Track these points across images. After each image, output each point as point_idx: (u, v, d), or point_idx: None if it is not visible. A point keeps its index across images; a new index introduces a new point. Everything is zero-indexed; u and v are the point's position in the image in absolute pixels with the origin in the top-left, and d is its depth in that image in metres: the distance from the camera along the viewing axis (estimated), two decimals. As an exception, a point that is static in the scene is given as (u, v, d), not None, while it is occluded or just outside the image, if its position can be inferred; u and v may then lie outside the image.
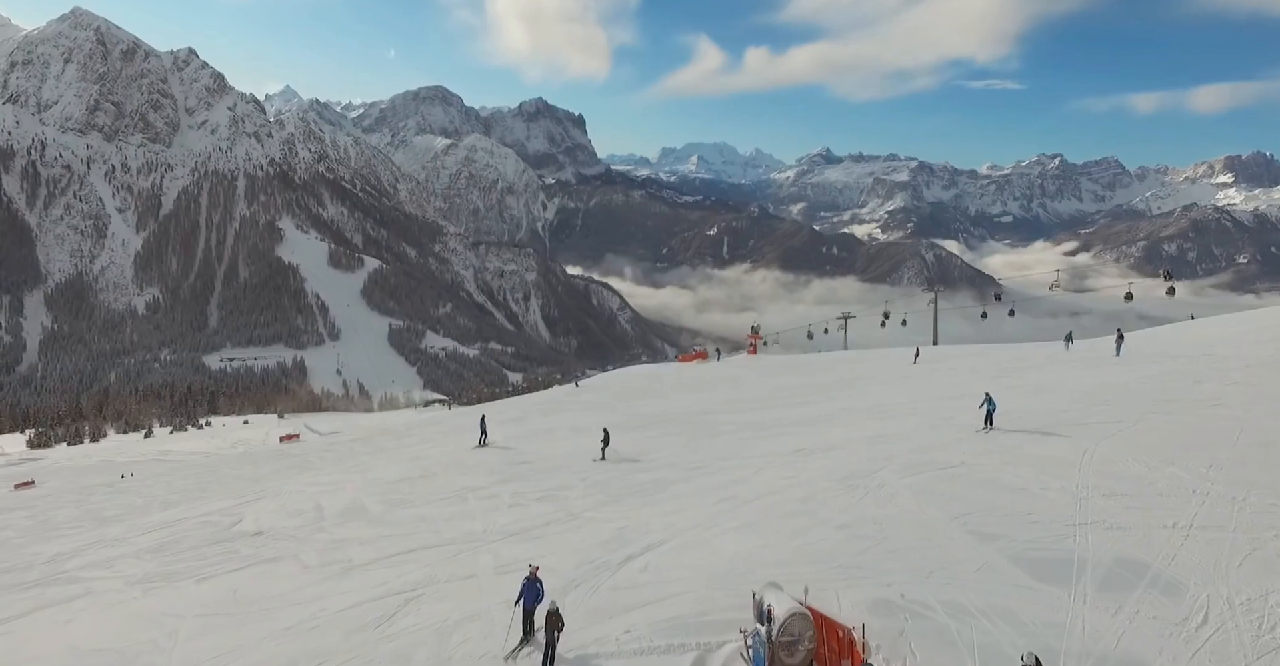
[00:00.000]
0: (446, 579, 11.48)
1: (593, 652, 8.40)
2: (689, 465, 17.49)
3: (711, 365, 44.65)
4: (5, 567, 17.23)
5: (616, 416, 28.03)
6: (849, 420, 20.96)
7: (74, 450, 65.39)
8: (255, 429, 76.06)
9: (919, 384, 26.77)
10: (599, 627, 8.85)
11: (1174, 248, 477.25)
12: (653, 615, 9.02)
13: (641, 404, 31.39)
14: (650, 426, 24.50)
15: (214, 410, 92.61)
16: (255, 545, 15.55)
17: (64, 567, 16.25)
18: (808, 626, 7.08)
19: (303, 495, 20.45)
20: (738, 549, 10.90)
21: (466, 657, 8.75)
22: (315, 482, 22.36)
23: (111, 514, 23.21)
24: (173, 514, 21.06)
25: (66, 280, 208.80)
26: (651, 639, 8.44)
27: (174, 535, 17.79)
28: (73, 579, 15.14)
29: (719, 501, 13.78)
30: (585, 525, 13.65)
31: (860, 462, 15.05)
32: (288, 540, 15.59)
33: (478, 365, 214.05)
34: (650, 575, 10.39)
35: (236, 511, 19.48)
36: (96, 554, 17.18)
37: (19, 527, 23.24)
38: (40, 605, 13.51)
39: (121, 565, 15.64)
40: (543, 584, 8.98)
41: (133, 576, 14.51)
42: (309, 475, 24.53)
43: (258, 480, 25.73)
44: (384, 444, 30.95)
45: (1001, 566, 9.34)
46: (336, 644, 9.55)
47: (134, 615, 12.16)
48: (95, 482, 34.94)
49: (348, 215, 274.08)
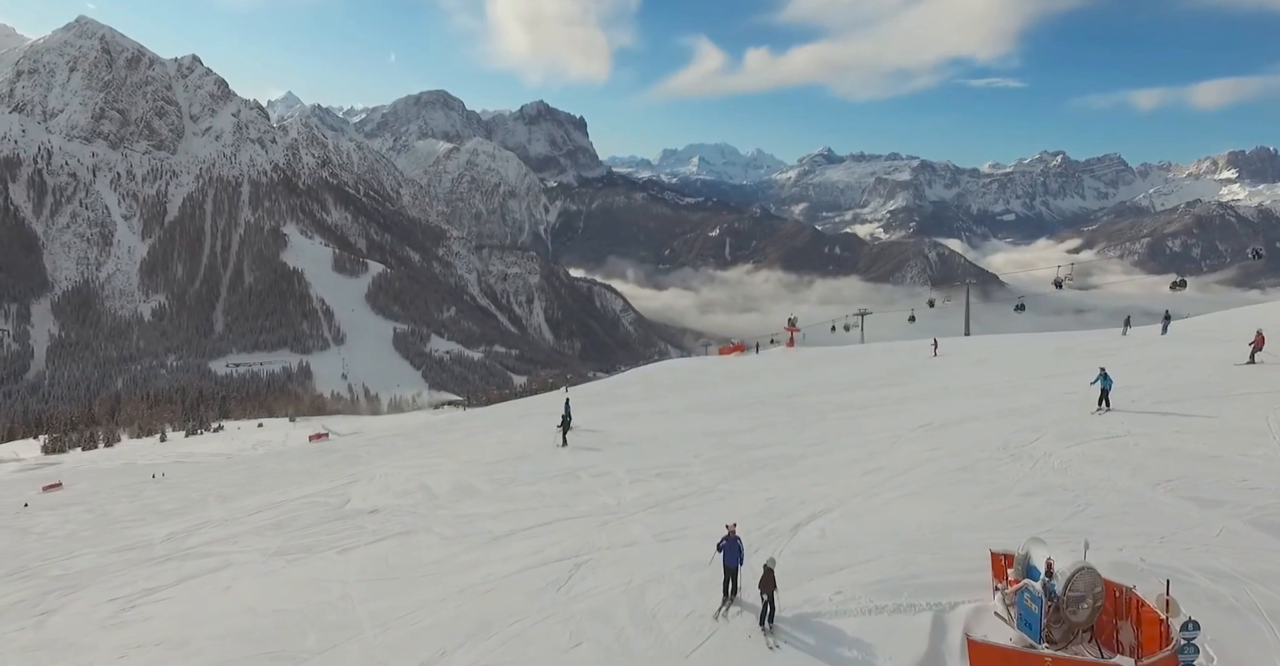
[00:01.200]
0: (606, 546, 11.24)
1: (812, 612, 8.06)
2: (805, 442, 17.00)
3: (750, 357, 44.16)
4: (123, 546, 17.38)
5: (687, 401, 27.27)
6: (957, 398, 20.09)
7: (90, 455, 65.50)
8: (271, 431, 75.70)
9: (998, 367, 25.75)
10: (802, 590, 8.53)
11: (1178, 244, 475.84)
12: (857, 578, 8.72)
13: (702, 391, 30.60)
14: (737, 409, 23.80)
15: (225, 414, 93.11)
16: (378, 521, 15.27)
17: (185, 544, 16.27)
18: (1096, 582, 6.49)
19: (403, 477, 20.10)
20: (920, 516, 10.50)
21: (671, 615, 8.50)
22: (405, 466, 21.97)
23: (170, 508, 22.82)
24: (266, 498, 20.73)
25: (73, 287, 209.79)
26: (869, 600, 8.11)
27: (285, 514, 17.57)
28: (204, 554, 15.12)
29: (866, 473, 13.37)
30: (725, 497, 13.26)
31: (1007, 434, 14.40)
32: (409, 515, 15.30)
33: (482, 368, 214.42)
34: (830, 541, 10.03)
35: (338, 493, 19.17)
36: (212, 532, 17.09)
37: (82, 520, 23.15)
38: (185, 576, 13.57)
39: (246, 541, 15.53)
40: (742, 542, 8.66)
41: (267, 549, 14.44)
42: (391, 460, 24.19)
43: (312, 472, 25.30)
44: (428, 439, 30.29)
45: (1244, 531, 8.63)
46: (523, 604, 9.41)
47: (292, 581, 12.11)
48: (126, 483, 34.52)
49: (351, 220, 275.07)
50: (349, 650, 8.92)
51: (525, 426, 27.35)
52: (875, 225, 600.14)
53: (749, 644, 7.78)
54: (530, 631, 8.68)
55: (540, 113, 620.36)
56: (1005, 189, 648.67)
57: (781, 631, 7.86)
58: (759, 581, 7.97)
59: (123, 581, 14.05)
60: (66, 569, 16.16)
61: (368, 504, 17.33)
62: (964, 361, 29.01)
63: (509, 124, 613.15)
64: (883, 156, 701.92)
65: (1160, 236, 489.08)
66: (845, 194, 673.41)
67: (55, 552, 18.34)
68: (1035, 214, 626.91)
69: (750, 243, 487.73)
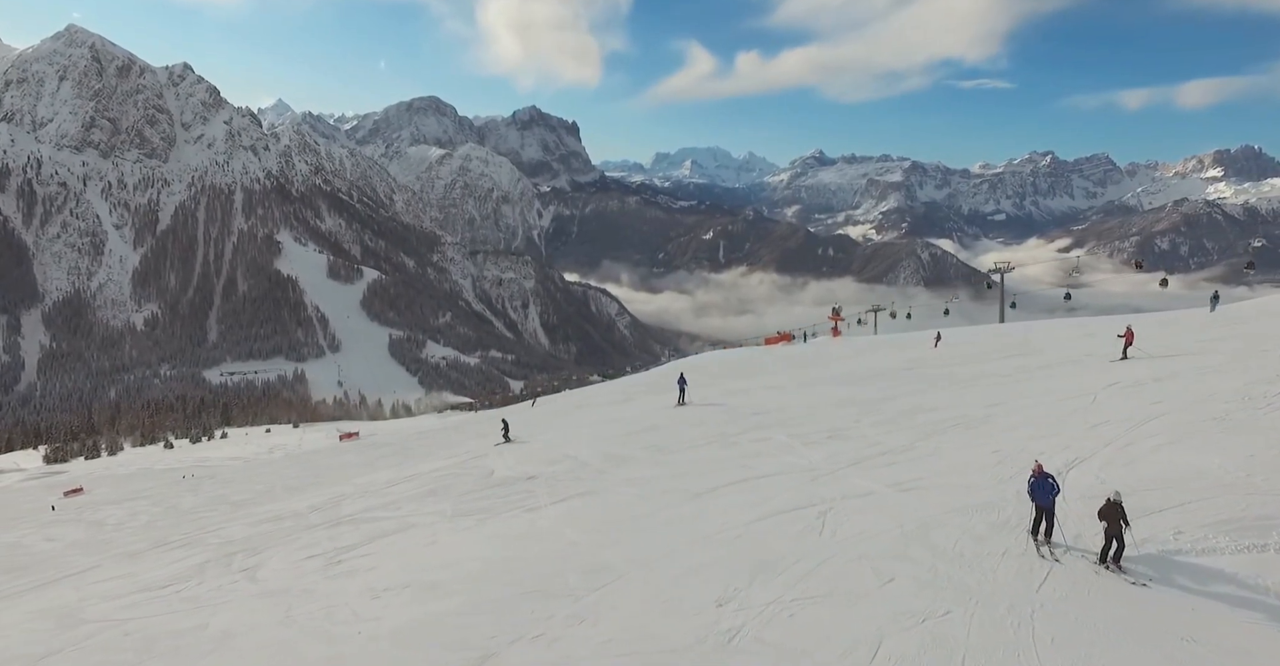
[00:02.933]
0: (839, 497, 10.73)
1: (1163, 551, 7.61)
2: (979, 405, 16.11)
3: (799, 346, 42.65)
4: (268, 518, 17.27)
5: (790, 379, 26.45)
6: (1123, 364, 18.91)
7: (94, 463, 64.98)
8: (282, 436, 75.10)
9: (1107, 340, 23.54)
10: (1135, 529, 7.95)
11: (1166, 242, 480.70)
12: (1189, 519, 8.24)
13: (791, 372, 29.15)
14: (858, 382, 22.18)
15: (227, 421, 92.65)
16: (545, 485, 14.68)
17: (342, 513, 15.91)
18: None
19: (537, 448, 19.69)
20: (1221, 459, 9.88)
21: (981, 554, 8.07)
22: (529, 442, 21.49)
23: (241, 498, 22.81)
24: (385, 476, 20.30)
25: (64, 298, 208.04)
26: (1214, 539, 7.66)
27: (431, 484, 17.02)
28: (371, 519, 14.70)
29: (1093, 426, 12.70)
30: (935, 452, 12.66)
31: (1239, 385, 13.51)
32: (574, 480, 14.73)
33: (479, 373, 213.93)
34: (1119, 485, 9.17)
35: (475, 465, 18.80)
36: (360, 503, 16.57)
37: (151, 513, 23.42)
38: (372, 536, 13.27)
39: (410, 507, 15.09)
40: (1054, 479, 8.20)
41: (442, 512, 14.04)
42: (483, 442, 23.91)
43: (372, 463, 25.46)
44: (483, 430, 30.06)
45: None
46: (790, 547, 8.96)
47: (499, 535, 11.65)
48: (150, 486, 34.59)
49: (345, 226, 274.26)
50: (622, 588, 8.58)
51: (642, 400, 27.05)
52: (868, 226, 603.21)
53: (1102, 580, 7.33)
54: (823, 569, 8.27)
55: (533, 118, 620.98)
56: (996, 189, 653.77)
57: (1132, 570, 7.34)
58: (1100, 515, 7.40)
59: (304, 544, 13.86)
60: (224, 537, 15.92)
61: (519, 472, 16.81)
62: (1064, 338, 26.88)
63: (501, 129, 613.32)
64: (874, 158, 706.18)
65: (1149, 235, 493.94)
66: (837, 196, 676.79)
67: (181, 530, 18.16)
68: (1025, 214, 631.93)
69: (744, 245, 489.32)
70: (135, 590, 12.67)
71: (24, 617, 12.04)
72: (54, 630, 10.81)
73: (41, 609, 12.44)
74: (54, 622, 11.24)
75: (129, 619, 10.78)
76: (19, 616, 12.24)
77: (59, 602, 12.73)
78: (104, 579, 14.23)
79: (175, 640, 9.44)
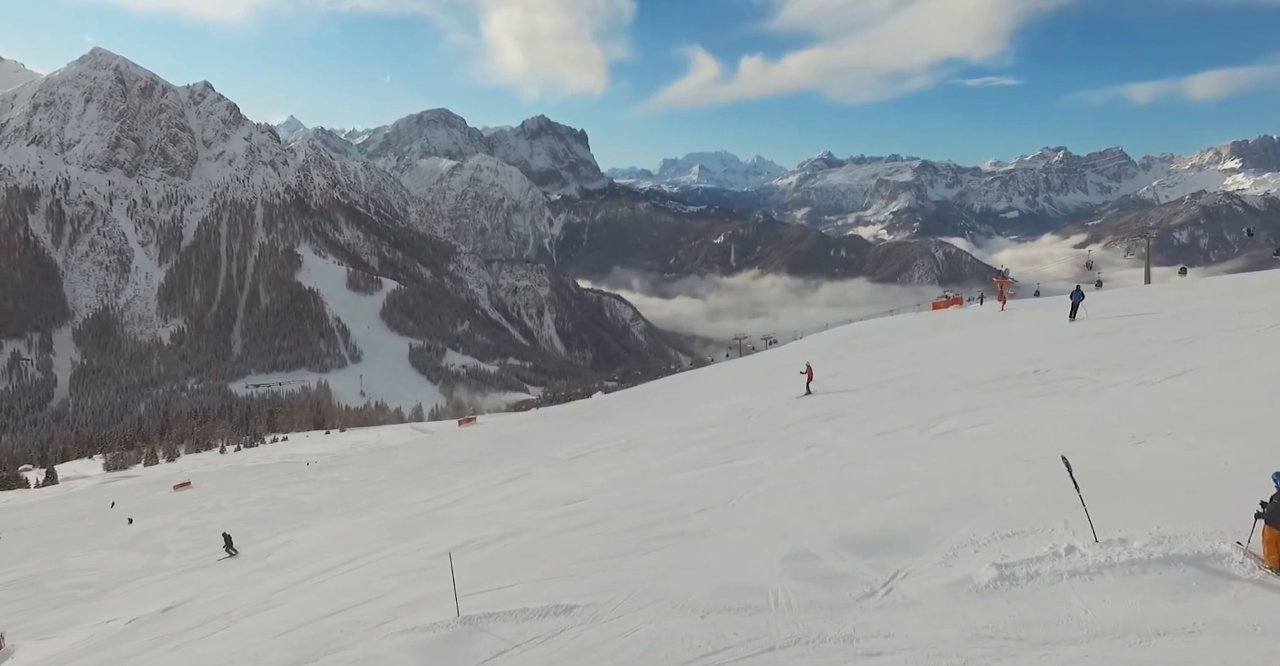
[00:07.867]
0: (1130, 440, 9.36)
1: None
2: None
3: (972, 308, 39.25)
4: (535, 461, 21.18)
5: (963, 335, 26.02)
6: None
7: (156, 468, 67.38)
8: (350, 436, 78.53)
9: None
10: None
11: (1185, 235, 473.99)
12: None
13: (956, 332, 28.09)
14: (1109, 334, 19.16)
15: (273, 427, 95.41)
16: (800, 432, 15.59)
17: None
18: None
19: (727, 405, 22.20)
20: None
21: None
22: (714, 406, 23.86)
23: (421, 467, 27.78)
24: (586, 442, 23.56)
25: (93, 315, 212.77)
26: None
27: (717, 431, 18.22)
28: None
29: None
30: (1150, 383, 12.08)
31: None
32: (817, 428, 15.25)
33: (499, 381, 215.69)
34: None
35: (743, 411, 20.71)
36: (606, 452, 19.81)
37: (357, 486, 27.21)
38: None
39: (702, 443, 17.16)
40: None
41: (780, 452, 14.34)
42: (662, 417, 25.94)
43: (566, 434, 28.43)
44: (615, 412, 32.60)
45: None
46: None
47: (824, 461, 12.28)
48: (257, 478, 37.79)
49: (363, 238, 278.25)
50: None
51: (766, 382, 27.78)
52: (879, 227, 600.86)
53: None
54: None
55: (541, 127, 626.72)
56: (1008, 186, 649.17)
57: None
58: None
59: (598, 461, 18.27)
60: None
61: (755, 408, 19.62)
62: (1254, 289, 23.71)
63: (510, 139, 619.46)
64: (883, 158, 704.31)
65: (1167, 228, 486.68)
66: (847, 197, 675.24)
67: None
68: (1039, 210, 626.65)
69: (755, 248, 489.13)
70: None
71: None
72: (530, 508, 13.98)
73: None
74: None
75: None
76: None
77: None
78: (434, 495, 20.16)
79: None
